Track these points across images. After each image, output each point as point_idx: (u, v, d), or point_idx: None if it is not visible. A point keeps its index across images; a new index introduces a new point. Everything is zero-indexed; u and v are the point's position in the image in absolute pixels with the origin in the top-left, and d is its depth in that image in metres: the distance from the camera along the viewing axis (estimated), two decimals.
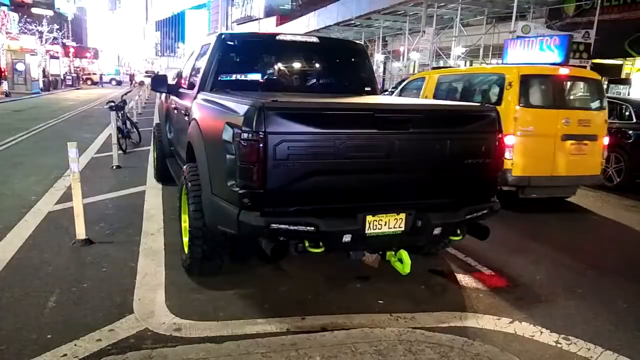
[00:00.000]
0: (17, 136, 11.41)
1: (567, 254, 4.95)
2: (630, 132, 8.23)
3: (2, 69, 28.92)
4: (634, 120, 8.33)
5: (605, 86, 18.19)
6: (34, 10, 39.62)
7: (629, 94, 16.07)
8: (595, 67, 17.13)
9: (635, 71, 17.41)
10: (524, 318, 3.48)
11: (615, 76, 18.06)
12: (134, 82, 39.42)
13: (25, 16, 35.51)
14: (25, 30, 34.44)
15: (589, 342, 3.18)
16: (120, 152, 9.01)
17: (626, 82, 17.56)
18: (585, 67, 16.73)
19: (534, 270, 4.43)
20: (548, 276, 4.32)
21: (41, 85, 31.76)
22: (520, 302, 3.76)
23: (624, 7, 16.61)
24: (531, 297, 3.86)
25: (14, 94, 26.27)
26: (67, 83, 40.39)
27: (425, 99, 7.44)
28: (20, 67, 29.30)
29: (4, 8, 33.32)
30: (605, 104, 6.90)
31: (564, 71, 6.68)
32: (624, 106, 8.72)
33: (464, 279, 4.14)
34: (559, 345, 3.15)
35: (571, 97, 6.95)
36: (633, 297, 4.00)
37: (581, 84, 7.09)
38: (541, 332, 3.29)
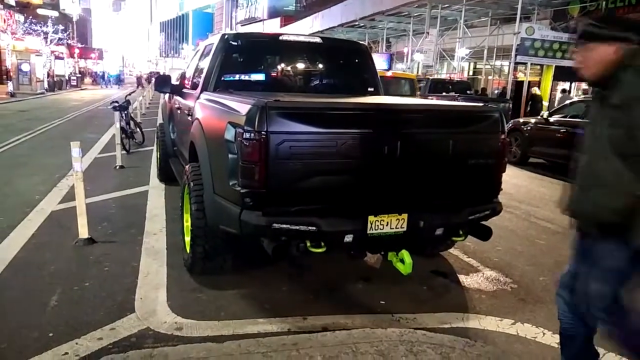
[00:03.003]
0: (22, 136, 11.47)
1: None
2: None
3: (8, 70, 29.07)
4: None
5: None
6: (40, 11, 39.73)
7: None
8: None
9: None
10: (527, 319, 3.46)
11: None
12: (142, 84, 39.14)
13: (30, 17, 35.63)
14: (31, 31, 34.57)
15: None
16: (124, 152, 9.04)
17: None
18: None
19: (538, 271, 4.41)
20: (551, 277, 4.30)
21: (46, 85, 31.90)
22: (523, 303, 3.74)
23: (629, 9, 16.55)
24: (534, 298, 3.84)
25: (19, 94, 26.40)
26: (72, 83, 40.54)
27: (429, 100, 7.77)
28: (25, 67, 29.44)
29: (10, 9, 33.49)
30: (416, 92, 12.04)
31: (388, 74, 12.50)
32: None
33: (467, 280, 4.13)
34: None
35: (394, 89, 10.94)
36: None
37: (401, 81, 12.33)
38: (544, 334, 3.27)
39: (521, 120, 11.64)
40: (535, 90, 17.97)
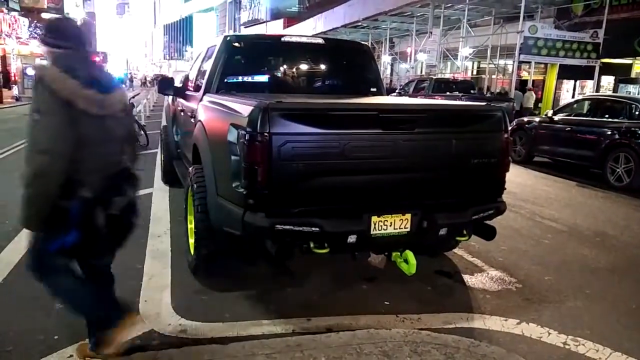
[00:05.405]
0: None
1: (576, 254, 4.90)
2: None
3: (13, 74, 29.23)
4: None
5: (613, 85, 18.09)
6: (44, 15, 39.89)
7: (638, 93, 15.93)
8: (605, 67, 17.04)
9: None
10: (532, 319, 3.44)
11: (625, 75, 17.91)
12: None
13: (35, 21, 35.79)
14: (35, 35, 34.69)
15: (597, 344, 3.14)
16: None
17: (636, 81, 17.40)
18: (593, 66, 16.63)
19: (543, 271, 4.39)
20: (557, 276, 4.28)
21: None
22: (528, 303, 3.73)
23: (633, 6, 16.49)
24: (539, 298, 3.83)
25: (24, 98, 26.49)
26: None
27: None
28: (30, 71, 29.52)
29: (14, 13, 33.69)
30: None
31: None
32: (633, 105, 8.64)
33: (471, 280, 4.11)
34: (567, 347, 3.11)
35: None
36: None
37: None
38: (549, 334, 3.26)
39: (525, 119, 11.60)
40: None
